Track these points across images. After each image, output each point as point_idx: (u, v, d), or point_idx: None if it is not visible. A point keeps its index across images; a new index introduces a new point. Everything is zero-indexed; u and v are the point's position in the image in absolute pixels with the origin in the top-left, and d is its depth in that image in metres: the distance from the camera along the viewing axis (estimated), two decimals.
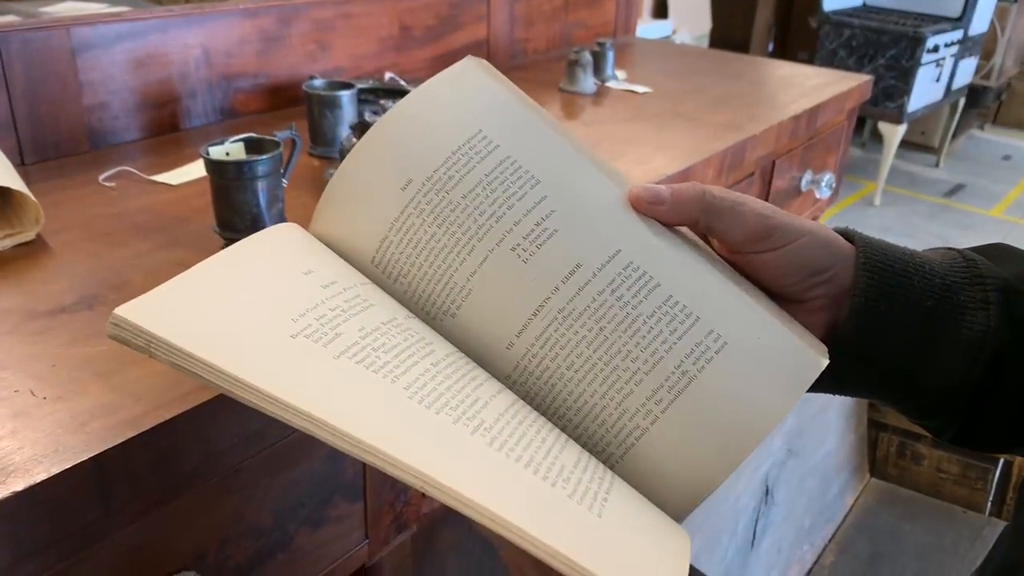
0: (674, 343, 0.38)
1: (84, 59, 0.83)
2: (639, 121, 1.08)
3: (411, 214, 0.41)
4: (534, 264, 0.39)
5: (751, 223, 0.42)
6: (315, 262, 0.41)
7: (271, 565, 0.56)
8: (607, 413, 0.38)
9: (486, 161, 0.41)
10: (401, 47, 1.16)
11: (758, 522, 1.08)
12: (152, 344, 0.34)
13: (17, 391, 0.47)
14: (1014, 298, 0.42)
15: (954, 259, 0.44)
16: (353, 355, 0.35)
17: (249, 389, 0.32)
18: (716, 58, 1.54)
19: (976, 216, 3.48)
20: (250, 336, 0.35)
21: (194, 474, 0.49)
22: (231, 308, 0.36)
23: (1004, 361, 0.41)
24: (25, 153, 0.81)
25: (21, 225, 0.65)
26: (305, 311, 0.37)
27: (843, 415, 1.29)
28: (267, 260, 0.41)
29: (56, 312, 0.55)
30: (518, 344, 0.39)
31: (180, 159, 0.84)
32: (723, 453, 0.37)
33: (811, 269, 0.42)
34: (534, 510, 0.31)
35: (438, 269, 0.40)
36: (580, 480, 0.35)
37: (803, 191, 1.29)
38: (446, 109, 0.43)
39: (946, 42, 3.30)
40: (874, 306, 0.41)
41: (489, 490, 0.31)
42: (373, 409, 0.33)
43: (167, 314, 0.34)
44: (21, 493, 0.40)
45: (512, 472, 0.33)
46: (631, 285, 0.39)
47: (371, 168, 0.42)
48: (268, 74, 1.00)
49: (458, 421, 0.34)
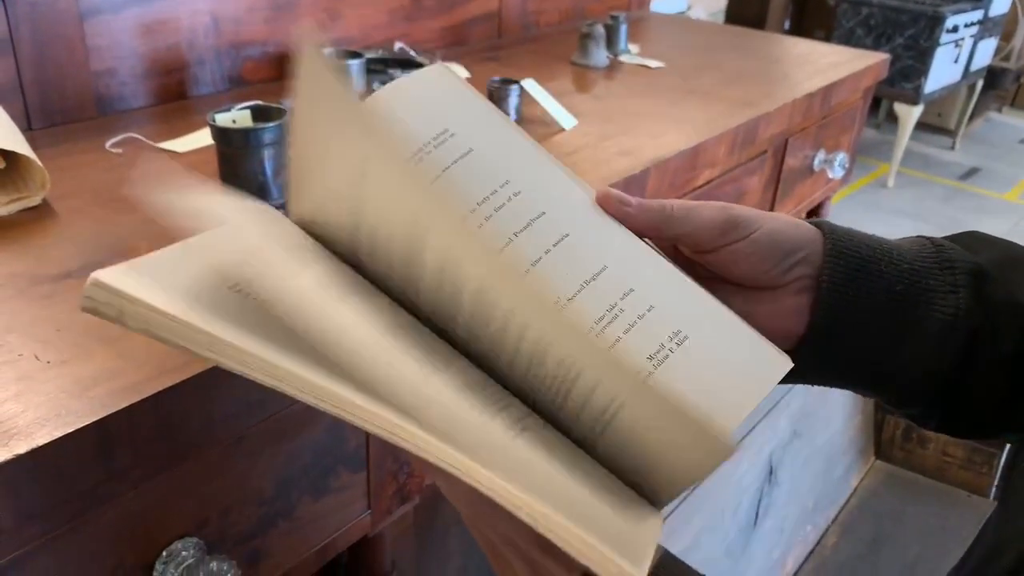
0: (638, 341, 0.38)
1: (92, 24, 0.82)
2: (651, 96, 1.06)
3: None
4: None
5: (712, 215, 0.42)
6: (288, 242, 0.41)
7: (273, 533, 0.57)
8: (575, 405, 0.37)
9: (451, 153, 0.41)
10: (412, 17, 1.14)
11: (761, 501, 1.08)
12: (124, 312, 0.34)
13: (21, 355, 0.47)
14: (986, 282, 0.41)
15: (923, 246, 0.44)
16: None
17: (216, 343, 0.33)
18: (731, 34, 1.51)
19: (991, 200, 3.45)
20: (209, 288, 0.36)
21: (197, 441, 0.49)
22: (199, 272, 0.37)
23: (979, 346, 0.41)
24: (32, 118, 0.80)
25: (27, 190, 0.64)
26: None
27: (849, 397, 1.29)
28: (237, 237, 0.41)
29: (62, 277, 0.55)
30: (489, 327, 0.39)
31: (187, 127, 0.83)
32: (677, 471, 0.36)
33: (785, 250, 0.42)
34: (496, 454, 0.32)
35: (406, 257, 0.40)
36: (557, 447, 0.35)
37: (816, 170, 1.28)
38: (415, 106, 0.43)
39: (966, 22, 3.25)
40: (842, 291, 0.41)
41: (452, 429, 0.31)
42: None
43: (139, 278, 0.35)
44: (24, 456, 0.40)
45: (476, 420, 0.33)
46: (602, 285, 0.39)
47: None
48: (277, 42, 0.99)
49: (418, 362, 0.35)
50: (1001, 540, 0.36)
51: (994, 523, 0.39)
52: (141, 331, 0.34)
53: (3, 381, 0.45)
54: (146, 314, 0.34)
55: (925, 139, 3.97)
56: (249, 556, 0.55)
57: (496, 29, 1.29)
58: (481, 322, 0.37)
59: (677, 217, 0.42)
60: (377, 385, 0.32)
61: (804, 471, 1.19)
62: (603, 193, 0.42)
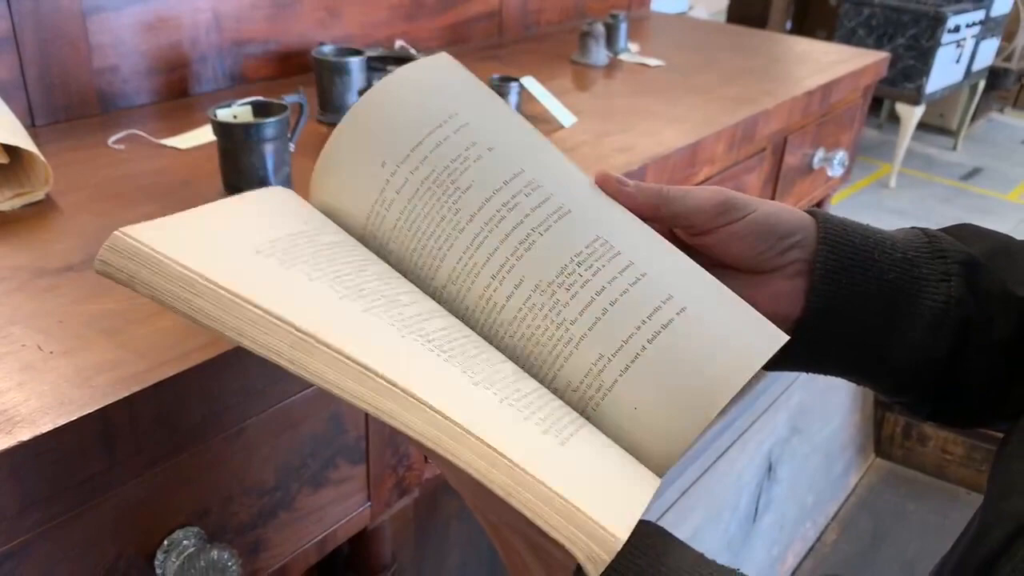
0: (635, 308, 0.39)
1: (94, 21, 0.83)
2: (650, 94, 1.07)
3: (389, 193, 0.42)
4: (508, 233, 0.40)
5: (708, 196, 0.43)
6: (308, 216, 0.42)
7: (273, 524, 0.57)
8: (577, 372, 0.39)
9: (460, 141, 0.42)
10: (412, 16, 1.15)
11: (760, 497, 1.08)
12: (136, 276, 0.35)
13: (25, 345, 0.48)
14: (978, 272, 0.42)
15: (916, 236, 0.44)
16: (336, 282, 0.37)
17: (231, 300, 0.33)
18: (731, 33, 1.52)
19: (993, 200, 3.45)
20: (230, 252, 0.37)
21: (197, 431, 0.49)
22: (218, 237, 0.38)
23: (970, 334, 0.42)
24: (36, 114, 0.81)
25: (31, 185, 0.65)
26: (285, 239, 0.39)
27: (849, 394, 1.29)
28: (260, 208, 0.42)
29: (64, 270, 0.56)
30: (494, 312, 0.40)
31: (189, 123, 0.84)
32: (689, 414, 0.37)
33: (779, 232, 0.43)
34: (491, 424, 0.33)
35: (420, 237, 0.42)
36: (553, 414, 0.36)
37: (815, 168, 1.28)
38: (420, 92, 0.44)
39: (967, 22, 3.25)
40: (835, 278, 0.42)
41: (452, 399, 0.32)
42: (347, 320, 0.35)
43: (160, 235, 0.36)
44: (27, 443, 0.41)
45: (477, 392, 0.34)
46: (600, 256, 0.40)
47: (350, 150, 0.43)
48: (278, 40, 1.00)
49: (425, 344, 0.36)
50: (986, 522, 0.36)
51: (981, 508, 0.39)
52: (149, 296, 0.35)
53: (7, 371, 0.45)
54: (157, 276, 0.34)
55: (927, 139, 3.97)
56: (250, 547, 0.56)
57: (497, 27, 1.29)
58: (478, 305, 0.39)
59: (674, 197, 0.43)
60: (369, 355, 0.33)
61: (803, 468, 1.19)
62: (602, 174, 0.43)
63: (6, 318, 0.50)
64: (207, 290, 0.34)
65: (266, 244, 0.38)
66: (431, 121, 0.43)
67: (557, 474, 0.32)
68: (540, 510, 0.31)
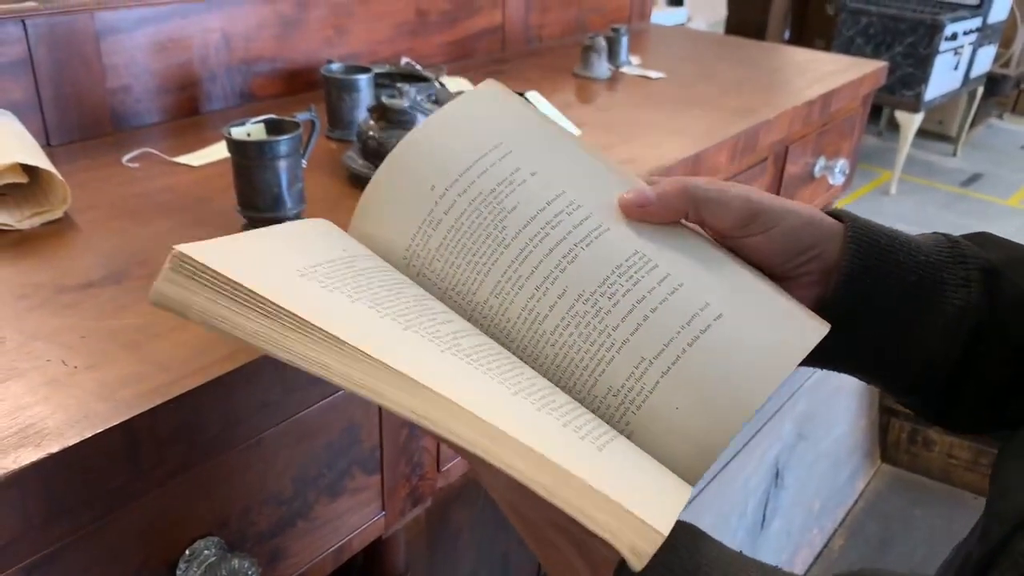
0: (675, 315, 0.40)
1: (108, 43, 0.84)
2: (652, 106, 1.08)
3: (437, 214, 0.45)
4: (552, 248, 0.43)
5: (737, 207, 0.44)
6: (346, 244, 0.45)
7: (291, 533, 0.58)
8: (619, 376, 0.40)
9: (505, 166, 0.45)
10: (417, 32, 1.17)
11: (768, 504, 1.09)
12: (190, 305, 0.36)
13: (49, 360, 0.49)
14: (995, 279, 0.43)
15: (939, 240, 0.45)
16: (376, 303, 0.39)
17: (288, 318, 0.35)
18: (730, 44, 1.54)
19: (993, 205, 3.46)
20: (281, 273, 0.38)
21: (217, 441, 0.51)
22: (268, 260, 0.40)
23: (983, 340, 0.43)
24: (51, 134, 0.83)
25: (49, 204, 0.67)
26: (326, 264, 0.40)
27: (854, 400, 1.30)
28: (301, 237, 0.44)
29: (85, 286, 0.57)
30: (537, 321, 0.42)
31: (201, 141, 0.85)
32: (728, 412, 0.39)
33: (798, 248, 0.44)
34: (532, 429, 0.34)
35: (466, 253, 0.44)
36: (588, 424, 0.38)
37: (816, 177, 1.29)
38: (469, 123, 0.47)
39: (965, 30, 3.27)
40: (860, 278, 0.43)
41: (491, 408, 0.34)
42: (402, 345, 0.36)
43: (222, 256, 0.37)
44: (55, 455, 0.42)
45: (516, 401, 0.36)
46: (639, 268, 0.42)
47: (402, 175, 0.46)
48: (286, 58, 1.02)
49: (468, 360, 0.37)
50: (988, 521, 0.37)
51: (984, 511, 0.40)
52: (202, 323, 0.36)
53: (33, 385, 0.47)
54: (212, 303, 0.36)
55: (927, 146, 3.98)
56: (269, 556, 0.57)
57: (500, 43, 1.31)
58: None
59: (701, 201, 0.44)
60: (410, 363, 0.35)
61: (810, 474, 1.20)
62: (622, 204, 0.44)
63: (30, 334, 0.51)
64: (268, 307, 0.35)
65: (308, 268, 0.39)
66: (478, 149, 0.46)
67: (597, 474, 0.33)
68: (583, 506, 0.32)
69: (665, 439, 0.39)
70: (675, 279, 0.41)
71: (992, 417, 0.46)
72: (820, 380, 1.20)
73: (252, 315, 0.35)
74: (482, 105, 0.49)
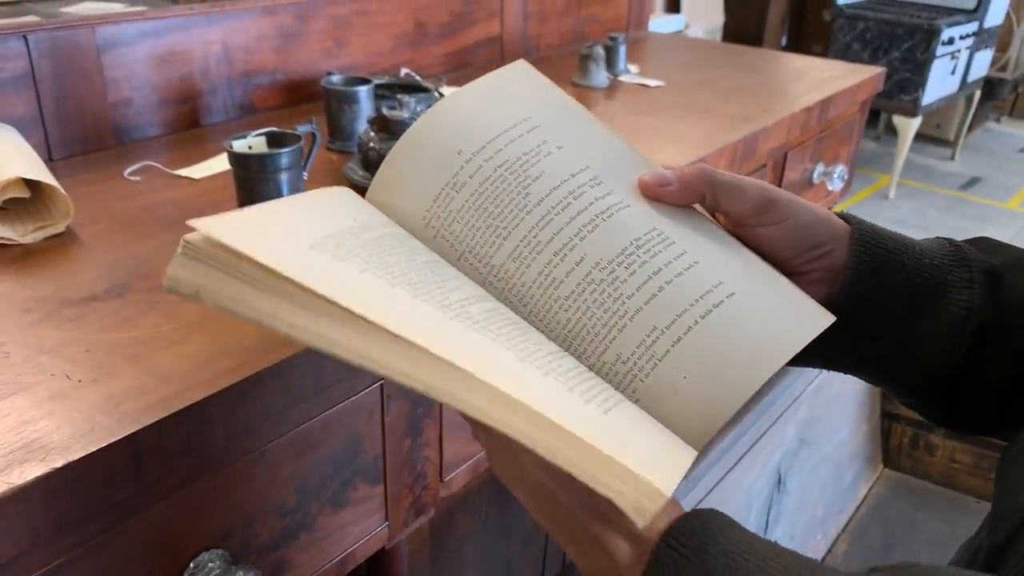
0: (689, 289, 0.41)
1: (109, 57, 0.85)
2: (651, 114, 1.09)
3: (462, 177, 0.45)
4: (573, 217, 0.43)
5: (754, 195, 0.44)
6: (356, 212, 0.44)
7: (295, 545, 0.58)
8: (630, 344, 0.41)
9: (532, 139, 0.46)
10: (416, 43, 1.17)
11: (771, 510, 1.09)
12: (202, 288, 0.36)
13: (53, 375, 0.49)
14: (999, 281, 0.44)
15: (942, 244, 0.46)
16: (389, 274, 0.39)
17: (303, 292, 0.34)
18: (728, 51, 1.54)
19: (992, 209, 3.46)
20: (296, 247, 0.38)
21: (222, 454, 0.51)
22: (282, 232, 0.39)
23: (986, 342, 0.43)
24: (53, 149, 0.83)
25: (52, 218, 0.67)
26: (336, 236, 0.40)
27: (856, 405, 1.30)
28: (315, 207, 0.44)
29: (88, 300, 0.57)
30: (552, 287, 0.43)
31: (202, 154, 0.86)
32: (733, 385, 0.39)
33: (809, 243, 0.44)
34: (536, 393, 0.35)
35: (487, 217, 0.44)
36: (595, 388, 0.38)
37: (815, 183, 1.30)
38: (499, 97, 0.48)
39: (961, 34, 3.28)
40: (865, 280, 0.43)
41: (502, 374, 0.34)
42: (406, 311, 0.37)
43: (235, 231, 0.37)
44: (60, 469, 0.42)
45: (522, 366, 0.36)
46: (657, 243, 0.43)
47: (428, 140, 0.47)
48: (286, 70, 1.02)
49: (480, 330, 0.38)
50: (994, 518, 0.38)
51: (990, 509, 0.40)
52: (214, 305, 0.36)
53: (38, 400, 0.47)
54: (224, 284, 0.36)
55: (925, 150, 3.99)
56: (273, 567, 0.57)
57: (498, 53, 1.32)
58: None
59: (719, 186, 0.45)
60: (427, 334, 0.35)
61: (812, 479, 1.20)
62: (643, 183, 0.45)
63: (34, 348, 0.52)
64: (279, 282, 0.35)
65: (320, 240, 0.40)
66: (507, 121, 0.47)
67: (602, 436, 0.34)
68: (586, 466, 0.32)
69: (671, 407, 0.40)
70: (691, 256, 0.42)
71: (994, 418, 0.47)
72: (821, 386, 1.20)
73: (262, 292, 0.35)
74: (512, 81, 0.50)
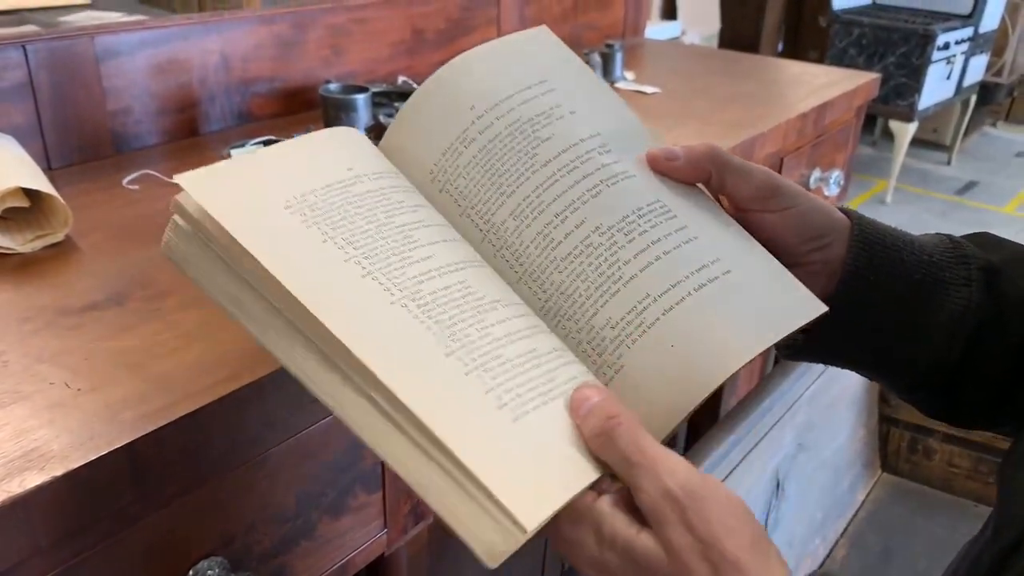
0: (685, 262, 0.42)
1: (107, 66, 0.85)
2: (648, 120, 1.08)
3: (472, 132, 0.45)
4: (578, 180, 0.44)
5: (760, 179, 0.45)
6: (354, 162, 0.44)
7: (295, 552, 0.58)
8: (620, 309, 0.41)
9: (546, 101, 0.46)
10: (414, 51, 1.18)
11: (769, 515, 1.09)
12: (186, 258, 0.41)
13: (52, 383, 0.49)
14: (997, 278, 0.44)
15: (941, 240, 0.46)
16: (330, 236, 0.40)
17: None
18: (724, 58, 1.55)
19: (989, 213, 3.47)
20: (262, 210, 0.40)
21: (221, 461, 0.51)
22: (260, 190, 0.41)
23: (984, 338, 0.43)
24: (52, 158, 0.83)
25: (51, 227, 0.67)
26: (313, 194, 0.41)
27: (854, 410, 1.30)
28: (313, 155, 0.44)
29: (87, 309, 0.57)
30: (550, 247, 0.43)
31: (201, 162, 0.85)
32: (719, 359, 0.39)
33: (811, 233, 0.45)
34: (440, 399, 0.35)
35: (493, 174, 0.44)
36: (522, 386, 0.37)
37: (812, 188, 1.30)
38: (517, 57, 0.49)
39: (957, 39, 3.29)
40: (864, 275, 0.43)
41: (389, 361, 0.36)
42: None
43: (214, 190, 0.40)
44: (59, 479, 0.42)
45: (445, 364, 0.36)
46: (659, 214, 0.43)
47: (443, 93, 0.47)
48: (284, 79, 1.02)
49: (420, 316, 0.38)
50: (999, 524, 0.38)
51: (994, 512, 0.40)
52: (194, 281, 0.39)
53: (37, 408, 0.47)
54: (200, 254, 0.39)
55: (921, 155, 4.00)
56: (273, 574, 0.57)
57: None
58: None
59: (725, 166, 0.44)
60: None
61: (811, 484, 1.20)
62: (650, 156, 0.45)
63: (33, 357, 0.52)
64: (236, 250, 0.38)
65: (298, 197, 0.40)
66: (522, 81, 0.47)
67: (489, 452, 0.34)
68: (452, 508, 0.34)
69: (655, 374, 0.40)
70: (691, 231, 0.43)
71: (993, 413, 0.47)
72: (819, 391, 1.20)
73: (226, 269, 0.38)
74: (532, 45, 0.50)
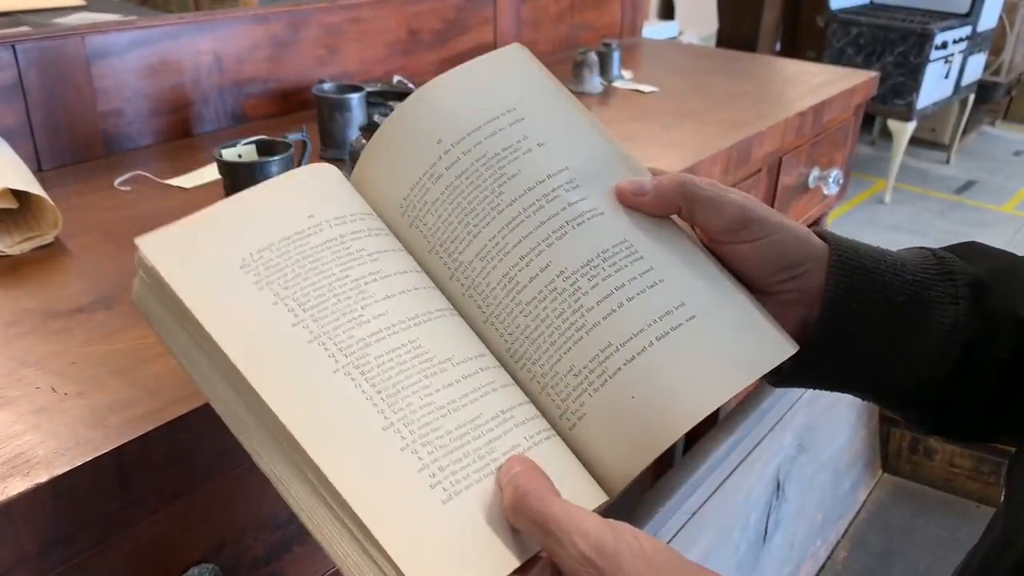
0: (649, 308, 0.41)
1: (99, 66, 0.84)
2: (645, 120, 1.09)
3: (439, 168, 0.45)
4: (543, 221, 0.43)
5: (731, 212, 0.43)
6: (316, 208, 0.43)
7: (287, 558, 0.57)
8: (583, 357, 0.40)
9: (513, 133, 0.45)
10: (409, 51, 1.17)
11: (770, 516, 1.08)
12: (150, 310, 0.41)
13: (39, 388, 0.48)
14: (984, 293, 0.43)
15: (926, 257, 0.45)
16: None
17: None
18: (722, 57, 1.54)
19: (988, 212, 3.47)
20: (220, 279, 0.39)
21: (211, 466, 0.50)
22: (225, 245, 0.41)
23: (974, 355, 0.42)
24: (42, 159, 0.82)
25: (40, 228, 0.66)
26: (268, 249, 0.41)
27: (854, 410, 1.29)
28: (277, 203, 0.44)
29: (75, 312, 0.57)
30: (516, 291, 0.42)
31: (193, 163, 0.85)
32: (680, 411, 0.39)
33: (785, 263, 0.43)
34: (368, 476, 0.35)
35: (459, 213, 0.44)
36: (462, 460, 0.37)
37: (810, 187, 1.29)
38: (486, 83, 0.47)
39: (954, 38, 3.29)
40: (844, 301, 0.42)
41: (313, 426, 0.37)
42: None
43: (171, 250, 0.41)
44: (44, 485, 0.41)
45: (383, 439, 0.36)
46: (624, 256, 0.42)
47: (412, 125, 0.46)
48: (278, 79, 1.02)
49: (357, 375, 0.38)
50: (1008, 534, 0.37)
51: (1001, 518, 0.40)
52: (156, 333, 0.40)
53: (22, 413, 0.46)
54: (162, 311, 0.40)
55: (920, 154, 3.99)
56: None
57: None
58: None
59: (696, 199, 0.43)
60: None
61: (811, 485, 1.19)
62: (619, 191, 0.44)
63: (20, 361, 0.51)
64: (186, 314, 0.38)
65: (255, 254, 0.40)
66: (490, 112, 0.46)
67: (408, 544, 0.34)
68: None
69: (617, 423, 0.39)
70: (656, 274, 0.42)
71: (988, 426, 0.46)
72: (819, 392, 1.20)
73: (182, 326, 0.39)
74: (503, 67, 0.49)
